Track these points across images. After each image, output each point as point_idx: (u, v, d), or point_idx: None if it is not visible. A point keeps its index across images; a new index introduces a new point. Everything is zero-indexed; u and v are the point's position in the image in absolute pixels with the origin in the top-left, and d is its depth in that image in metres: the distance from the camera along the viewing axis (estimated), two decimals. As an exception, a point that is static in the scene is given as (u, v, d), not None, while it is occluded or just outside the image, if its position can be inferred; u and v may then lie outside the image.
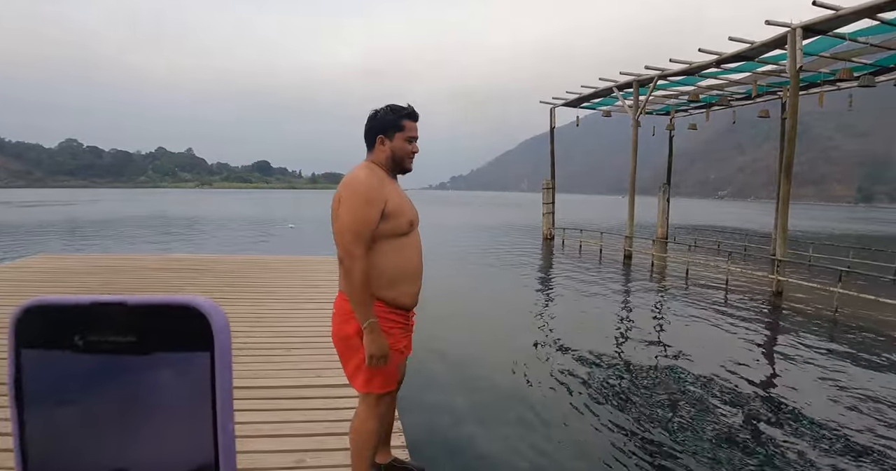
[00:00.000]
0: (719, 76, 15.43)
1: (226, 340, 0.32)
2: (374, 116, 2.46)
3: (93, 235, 22.68)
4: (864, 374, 6.47)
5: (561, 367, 6.37)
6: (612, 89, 17.32)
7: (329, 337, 2.52)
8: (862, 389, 5.87)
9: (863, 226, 48.47)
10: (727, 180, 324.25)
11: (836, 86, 15.52)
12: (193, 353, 0.31)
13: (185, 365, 0.31)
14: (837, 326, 8.91)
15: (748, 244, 19.93)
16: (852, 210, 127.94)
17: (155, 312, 0.32)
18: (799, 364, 6.78)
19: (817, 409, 5.29)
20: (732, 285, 12.09)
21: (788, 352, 7.44)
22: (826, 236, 28.55)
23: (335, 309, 2.42)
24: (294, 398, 3.76)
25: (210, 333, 0.31)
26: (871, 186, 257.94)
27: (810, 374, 6.40)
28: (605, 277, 13.40)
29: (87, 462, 0.32)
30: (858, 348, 7.55)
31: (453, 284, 12.21)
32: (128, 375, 0.32)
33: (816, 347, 7.54)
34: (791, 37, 10.54)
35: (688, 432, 4.67)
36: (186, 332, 0.31)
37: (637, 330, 8.56)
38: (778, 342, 8.11)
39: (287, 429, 3.27)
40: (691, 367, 6.53)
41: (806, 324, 8.98)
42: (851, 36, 11.26)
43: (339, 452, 3.05)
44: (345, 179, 2.37)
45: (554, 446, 4.43)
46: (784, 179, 10.81)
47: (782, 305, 10.30)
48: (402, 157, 2.45)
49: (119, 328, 0.32)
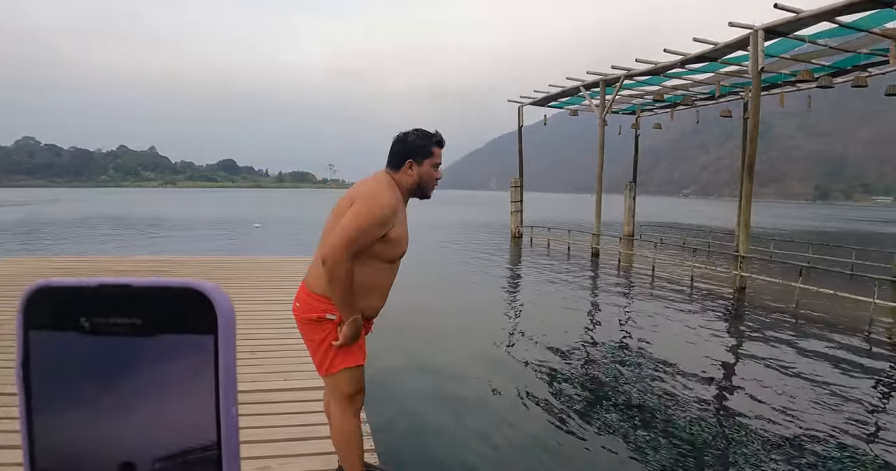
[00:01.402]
0: (684, 76, 15.69)
1: (230, 323, 0.32)
2: (404, 139, 2.49)
3: (51, 237, 22.02)
4: (822, 366, 6.62)
5: (526, 363, 6.38)
6: (579, 88, 17.48)
7: (296, 339, 2.57)
8: (820, 381, 6.01)
9: (821, 223, 49.86)
10: (691, 179, 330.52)
11: (796, 87, 15.91)
12: (197, 335, 0.32)
13: (188, 347, 0.32)
14: (798, 319, 9.11)
15: (712, 241, 20.32)
16: (810, 207, 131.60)
17: (159, 294, 0.32)
18: (759, 357, 6.90)
19: (773, 400, 5.39)
20: (697, 281, 12.31)
21: (749, 345, 7.60)
22: (787, 233, 29.26)
23: (301, 301, 2.44)
24: (259, 403, 3.68)
25: (214, 316, 0.32)
26: (828, 184, 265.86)
27: (769, 366, 6.53)
28: (574, 274, 13.51)
29: (91, 443, 0.32)
30: (817, 341, 7.73)
31: (419, 285, 12.18)
32: (132, 356, 0.32)
33: (777, 341, 7.70)
34: (753, 38, 10.76)
35: (650, 425, 4.72)
36: (191, 314, 0.32)
37: (603, 326, 8.64)
38: (740, 336, 8.26)
39: (252, 435, 3.19)
40: (655, 361, 6.62)
41: (768, 318, 9.19)
42: (811, 38, 11.54)
43: (306, 457, 2.99)
44: (369, 190, 2.40)
45: (511, 443, 4.43)
46: (746, 178, 11.04)
47: (745, 300, 10.52)
48: (426, 183, 2.51)
49: (124, 310, 0.32)
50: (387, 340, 7.23)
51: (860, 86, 12.94)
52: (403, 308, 9.52)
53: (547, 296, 10.81)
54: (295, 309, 2.46)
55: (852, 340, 7.90)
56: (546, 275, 13.23)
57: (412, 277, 12.93)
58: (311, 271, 2.44)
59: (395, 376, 5.85)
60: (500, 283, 12.55)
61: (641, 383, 5.93)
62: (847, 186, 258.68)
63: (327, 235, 2.38)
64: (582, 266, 15.07)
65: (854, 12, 10.13)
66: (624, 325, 8.81)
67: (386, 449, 3.63)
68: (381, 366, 5.97)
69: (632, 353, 7.12)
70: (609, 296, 11.04)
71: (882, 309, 8.81)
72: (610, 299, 10.70)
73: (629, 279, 13.16)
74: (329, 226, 2.41)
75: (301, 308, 2.43)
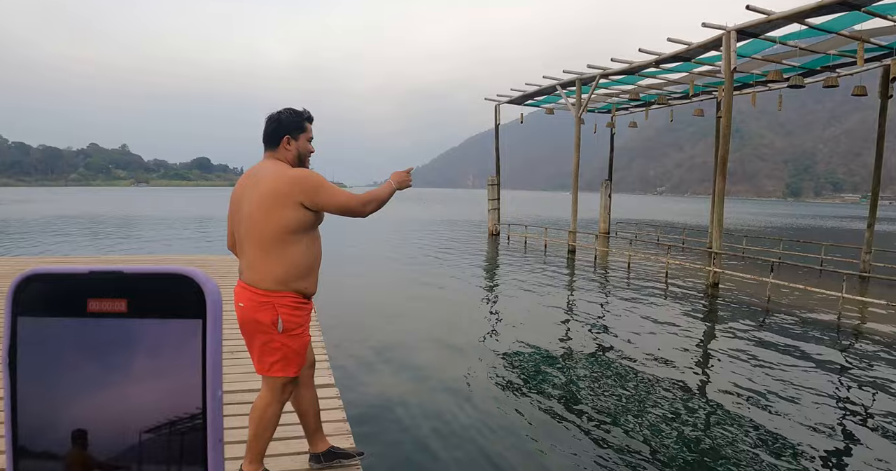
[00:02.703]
0: (658, 76, 15.88)
1: (218, 309, 0.33)
2: (277, 118, 2.62)
3: (21, 237, 21.54)
4: (790, 359, 6.78)
5: (500, 359, 6.44)
6: (555, 87, 17.60)
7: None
8: (787, 373, 6.16)
9: (792, 220, 50.86)
10: (666, 177, 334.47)
11: (767, 86, 16.21)
12: (186, 320, 0.32)
13: (178, 331, 0.33)
14: (770, 313, 9.31)
15: (686, 238, 20.62)
16: (781, 205, 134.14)
17: (150, 280, 0.33)
18: (730, 351, 7.05)
19: (744, 392, 5.52)
20: (671, 277, 12.51)
21: (722, 339, 7.75)
22: (759, 230, 29.82)
23: (245, 302, 2.46)
24: (236, 404, 3.67)
25: (203, 302, 0.32)
26: (798, 182, 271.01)
27: (741, 359, 6.67)
28: (551, 271, 13.62)
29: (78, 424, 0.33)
30: (786, 334, 7.92)
31: (394, 283, 12.19)
32: (123, 340, 0.33)
33: (748, 335, 7.87)
34: (726, 39, 10.95)
35: (624, 418, 4.79)
36: (180, 300, 0.32)
37: (579, 322, 8.73)
38: (713, 330, 8.42)
39: (231, 435, 3.18)
40: (630, 356, 6.72)
41: (740, 313, 9.37)
42: (782, 39, 11.77)
43: (286, 457, 2.99)
44: (294, 174, 2.51)
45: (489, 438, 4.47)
46: (719, 176, 11.22)
47: (718, 295, 10.72)
48: (305, 156, 2.68)
49: (115, 296, 0.33)
50: (360, 341, 7.24)
51: (831, 86, 13.23)
52: (376, 306, 9.55)
53: (522, 294, 10.88)
54: (240, 309, 2.48)
55: (822, 333, 8.10)
56: (523, 272, 13.31)
57: (388, 275, 12.94)
58: (258, 269, 2.45)
59: (371, 360, 5.85)
60: (476, 281, 12.61)
61: (615, 377, 6.02)
62: (817, 184, 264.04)
63: (253, 223, 2.45)
64: (558, 263, 15.20)
65: (823, 14, 10.36)
66: (600, 320, 8.92)
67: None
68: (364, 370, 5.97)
69: (606, 347, 7.22)
70: (585, 292, 11.16)
71: (850, 302, 9.04)
72: (586, 295, 10.81)
73: (605, 276, 13.31)
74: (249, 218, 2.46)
75: (248, 308, 2.45)
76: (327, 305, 8.14)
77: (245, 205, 2.50)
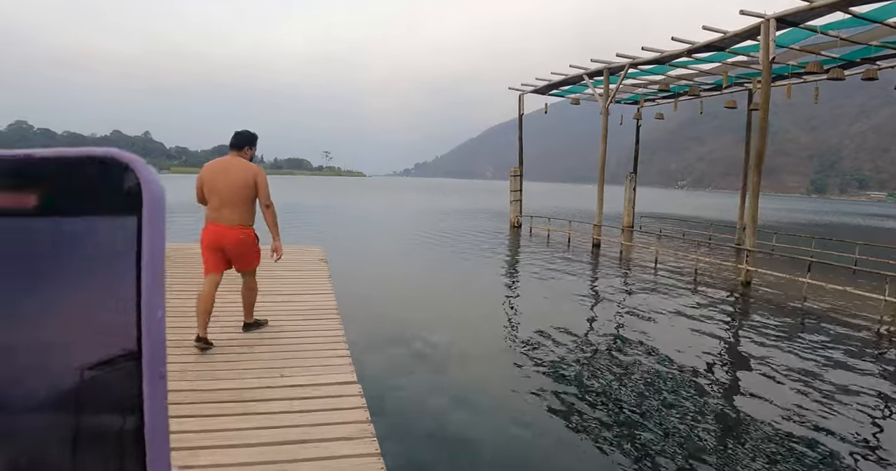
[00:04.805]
0: (689, 66, 15.41)
1: (158, 203, 0.25)
2: (244, 133, 4.63)
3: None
4: (828, 366, 6.44)
5: (528, 360, 6.18)
6: (582, 77, 17.18)
7: (294, 335, 4.78)
8: (829, 379, 5.83)
9: (818, 217, 49.84)
10: (687, 170, 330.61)
11: (802, 79, 15.67)
12: (116, 217, 0.24)
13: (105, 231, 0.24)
14: (806, 315, 8.94)
15: (712, 233, 20.16)
16: (805, 201, 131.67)
17: (69, 166, 0.25)
18: (766, 354, 6.72)
19: (779, 399, 5.22)
20: (701, 275, 12.13)
21: (757, 342, 7.39)
22: (783, 226, 29.09)
23: (245, 237, 4.50)
24: (253, 401, 3.46)
25: (138, 193, 0.25)
26: (823, 178, 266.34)
27: (776, 363, 6.35)
28: (575, 266, 13.30)
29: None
30: (824, 339, 7.55)
31: (417, 275, 11.99)
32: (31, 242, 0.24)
33: (785, 337, 7.52)
34: (765, 27, 10.50)
35: (652, 423, 4.52)
36: (107, 192, 0.25)
37: (607, 321, 8.43)
38: (747, 332, 8.06)
39: (259, 437, 2.96)
40: (659, 355, 6.42)
41: (774, 313, 9.00)
42: (823, 29, 11.29)
43: (308, 463, 2.77)
44: (255, 168, 4.56)
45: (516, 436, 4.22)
46: (754, 171, 10.79)
47: (750, 295, 10.34)
48: (252, 156, 4.69)
49: (24, 186, 0.25)
50: (387, 329, 7.03)
51: (871, 79, 12.73)
52: (401, 298, 9.32)
53: (548, 290, 10.60)
54: (236, 237, 4.44)
55: (862, 339, 7.72)
56: (547, 266, 13.00)
57: (409, 268, 12.72)
58: (241, 216, 4.45)
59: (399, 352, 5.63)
60: (499, 273, 12.34)
61: (644, 377, 5.74)
62: (842, 181, 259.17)
63: (234, 193, 4.40)
64: (583, 257, 14.87)
65: (869, 2, 9.89)
66: (627, 317, 8.63)
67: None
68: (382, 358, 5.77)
69: (636, 347, 6.92)
70: (612, 288, 10.83)
71: (893, 306, 8.63)
72: (613, 292, 10.49)
73: (632, 272, 12.95)
74: (234, 190, 4.40)
75: (243, 237, 4.48)
76: (352, 298, 7.94)
77: (221, 183, 4.40)
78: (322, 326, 5.12)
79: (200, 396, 3.51)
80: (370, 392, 3.79)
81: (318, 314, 5.50)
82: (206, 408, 3.34)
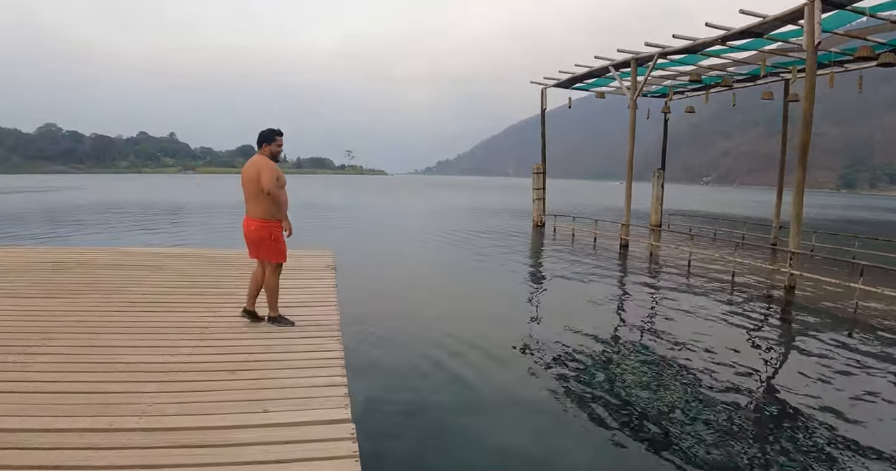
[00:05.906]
0: (722, 55, 14.50)
1: None
2: (261, 133, 4.97)
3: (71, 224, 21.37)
4: (883, 384, 5.65)
5: (556, 363, 5.49)
6: (608, 69, 16.37)
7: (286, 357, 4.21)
8: (884, 398, 5.07)
9: (853, 213, 48.13)
10: (712, 166, 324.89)
11: (843, 67, 14.69)
12: None
13: None
14: (859, 325, 8.09)
15: (746, 232, 19.20)
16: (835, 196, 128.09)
17: None
18: (814, 368, 5.96)
19: (834, 419, 4.48)
20: (738, 278, 11.28)
21: (802, 355, 6.59)
22: (820, 224, 27.81)
23: (258, 228, 4.86)
24: (227, 445, 2.83)
25: None
26: (852, 173, 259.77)
27: (825, 378, 5.59)
28: (602, 267, 12.53)
29: None
30: (880, 354, 6.71)
31: (439, 276, 11.37)
32: None
33: (836, 349, 6.73)
34: (809, 9, 9.65)
35: (690, 431, 3.82)
36: None
37: (638, 327, 7.71)
38: (792, 344, 7.27)
39: None
40: (703, 369, 5.72)
41: (823, 323, 8.16)
42: (872, 10, 10.39)
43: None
44: (264, 163, 4.84)
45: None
46: (799, 166, 9.98)
47: (794, 301, 9.49)
48: (275, 153, 5.00)
49: None
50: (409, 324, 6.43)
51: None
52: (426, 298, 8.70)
53: (574, 291, 9.89)
54: (252, 230, 4.87)
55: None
56: (573, 268, 12.26)
57: (430, 270, 12.09)
58: (258, 209, 4.84)
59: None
60: (526, 277, 11.65)
61: (678, 387, 5.04)
62: (872, 176, 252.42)
63: (248, 188, 4.85)
64: (610, 258, 14.10)
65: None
66: (659, 324, 7.93)
67: None
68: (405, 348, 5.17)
69: (671, 356, 6.19)
70: (642, 292, 10.06)
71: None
72: (643, 296, 9.73)
73: (662, 274, 12.14)
74: (249, 186, 4.84)
75: (255, 227, 4.86)
76: (364, 305, 7.34)
77: (244, 180, 4.87)
78: (319, 345, 4.50)
79: (150, 438, 2.89)
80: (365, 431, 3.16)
81: (317, 331, 4.89)
82: (156, 456, 2.72)
